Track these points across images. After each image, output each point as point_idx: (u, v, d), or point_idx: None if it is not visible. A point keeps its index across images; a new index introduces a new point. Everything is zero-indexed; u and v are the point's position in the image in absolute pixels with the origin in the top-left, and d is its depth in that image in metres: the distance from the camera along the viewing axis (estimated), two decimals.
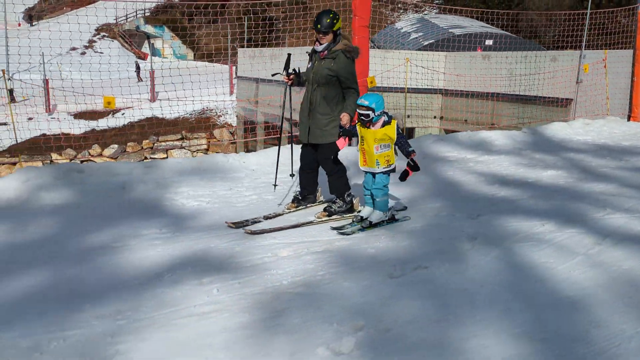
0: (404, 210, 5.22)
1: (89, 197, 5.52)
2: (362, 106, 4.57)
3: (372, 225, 4.74)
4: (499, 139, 8.74)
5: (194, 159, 7.20)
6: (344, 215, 5.07)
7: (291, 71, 5.04)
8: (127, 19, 43.33)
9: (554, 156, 7.91)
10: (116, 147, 24.35)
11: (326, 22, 4.78)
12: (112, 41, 41.14)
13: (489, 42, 22.66)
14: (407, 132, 15.69)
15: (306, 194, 5.34)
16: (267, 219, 5.01)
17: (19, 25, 42.47)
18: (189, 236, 4.56)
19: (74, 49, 37.89)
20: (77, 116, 24.93)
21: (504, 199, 5.63)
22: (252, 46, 23.50)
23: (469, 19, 26.56)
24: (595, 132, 9.85)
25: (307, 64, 5.10)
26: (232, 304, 3.32)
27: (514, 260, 3.99)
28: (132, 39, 43.14)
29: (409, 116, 16.27)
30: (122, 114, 24.97)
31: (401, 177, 4.71)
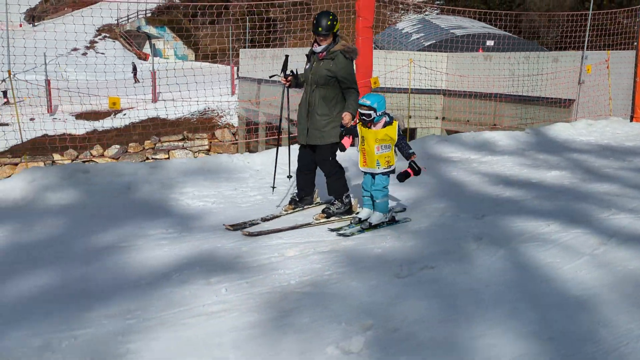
0: (403, 211, 5.20)
1: (95, 198, 5.53)
2: (364, 106, 4.56)
3: (372, 226, 4.73)
4: (503, 139, 8.76)
5: (199, 159, 7.21)
6: (343, 216, 5.05)
7: (289, 73, 5.03)
8: (128, 19, 43.40)
9: (558, 157, 7.93)
10: (118, 147, 24.39)
11: (326, 25, 4.76)
12: (114, 42, 41.21)
13: (490, 42, 22.70)
14: (409, 133, 15.69)
15: (303, 195, 5.32)
16: (265, 220, 4.99)
17: (20, 25, 42.50)
18: (195, 236, 4.58)
19: (76, 50, 37.99)
20: (78, 117, 24.97)
21: (509, 200, 5.65)
22: (255, 46, 23.52)
23: (470, 20, 26.60)
24: (598, 132, 9.86)
25: (305, 65, 5.08)
26: (240, 303, 3.33)
27: (520, 260, 4.01)
28: (134, 40, 43.20)
29: (410, 117, 16.29)
30: (124, 115, 25.02)
31: (400, 177, 4.68)
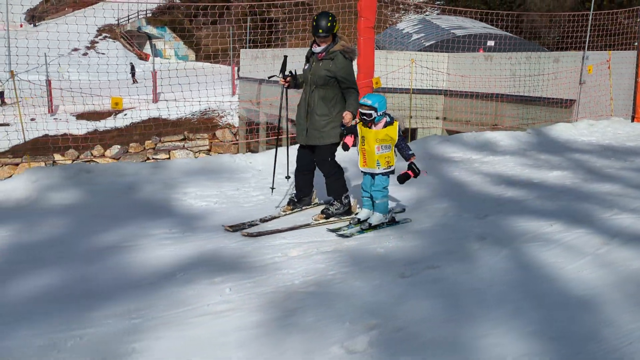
0: (402, 211, 5.18)
1: (98, 198, 5.55)
2: (365, 105, 4.55)
3: (371, 227, 4.72)
4: (504, 139, 8.77)
5: (201, 159, 7.23)
6: (342, 217, 5.04)
7: (287, 73, 5.02)
8: (129, 19, 43.41)
9: (559, 157, 7.94)
10: (118, 147, 24.41)
11: (326, 26, 4.75)
12: (114, 42, 41.24)
13: (491, 43, 22.72)
14: (410, 133, 15.70)
15: (302, 196, 5.30)
16: (264, 221, 4.98)
17: (21, 26, 42.53)
18: (198, 236, 4.59)
19: (76, 50, 38.01)
20: (79, 117, 24.99)
21: (511, 200, 5.66)
22: (257, 47, 23.54)
23: (470, 20, 26.62)
24: (599, 133, 9.87)
25: (304, 66, 5.06)
26: (245, 303, 3.34)
27: (523, 260, 4.02)
28: (134, 40, 43.22)
29: (411, 117, 16.29)
30: (125, 115, 25.04)
31: (401, 179, 4.68)
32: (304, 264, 3.97)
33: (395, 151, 4.70)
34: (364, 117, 4.57)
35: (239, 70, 26.44)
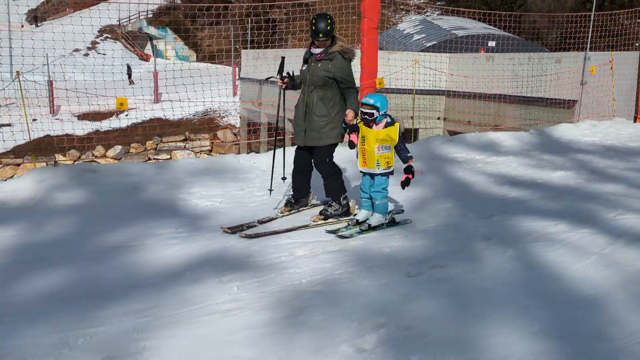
0: (401, 212, 5.17)
1: (103, 198, 5.56)
2: (366, 105, 4.53)
3: (371, 228, 4.71)
4: (507, 140, 8.79)
5: (205, 159, 7.25)
6: (340, 218, 5.03)
7: (285, 74, 5.01)
8: (130, 20, 43.42)
9: (562, 157, 7.96)
10: (120, 148, 24.41)
11: (326, 30, 4.73)
12: (115, 42, 41.24)
13: (492, 43, 22.74)
14: (413, 133, 15.70)
15: (299, 197, 5.29)
16: (262, 223, 4.96)
17: (22, 26, 42.56)
18: (204, 235, 4.61)
19: (77, 51, 38.01)
20: (80, 117, 25.00)
21: (515, 200, 5.67)
22: (255, 48, 23.57)
23: (471, 21, 26.62)
24: (602, 133, 9.90)
25: (302, 67, 5.05)
26: (253, 302, 3.36)
27: (528, 259, 4.03)
28: (135, 41, 43.25)
29: (412, 117, 16.30)
30: (126, 115, 25.04)
31: (404, 185, 4.68)
32: (310, 263, 3.99)
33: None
34: (366, 116, 4.56)
35: (240, 70, 26.46)
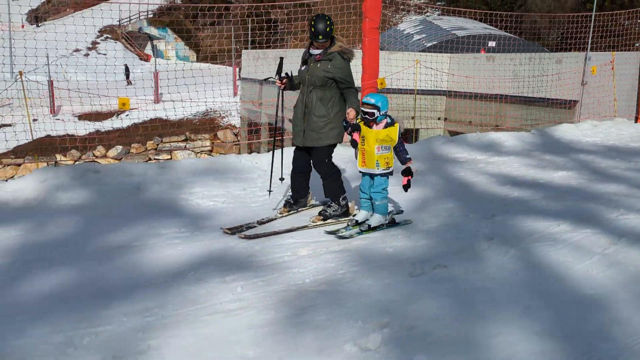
0: (400, 213, 5.15)
1: (106, 197, 5.57)
2: (367, 104, 4.52)
3: (370, 228, 4.70)
4: (508, 140, 8.80)
5: (207, 159, 7.25)
6: (339, 219, 5.02)
7: (283, 75, 5.00)
8: (130, 20, 43.44)
9: (564, 157, 7.97)
10: (120, 148, 24.42)
11: (325, 31, 4.72)
12: (116, 43, 41.26)
13: (492, 43, 22.75)
14: (414, 134, 15.70)
15: (298, 197, 5.28)
16: (261, 223, 4.95)
17: (22, 26, 42.57)
18: (207, 235, 4.61)
19: (78, 51, 38.03)
20: (81, 117, 25.01)
21: (517, 200, 5.68)
22: (256, 48, 23.58)
23: (471, 21, 26.64)
24: (603, 133, 9.90)
25: (301, 67, 5.04)
26: (257, 301, 3.36)
27: (531, 259, 4.04)
28: (135, 41, 43.26)
29: (412, 117, 16.31)
30: (127, 115, 25.04)
31: (406, 188, 4.70)
32: (313, 263, 3.99)
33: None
34: (366, 115, 4.55)
35: (240, 71, 26.47)
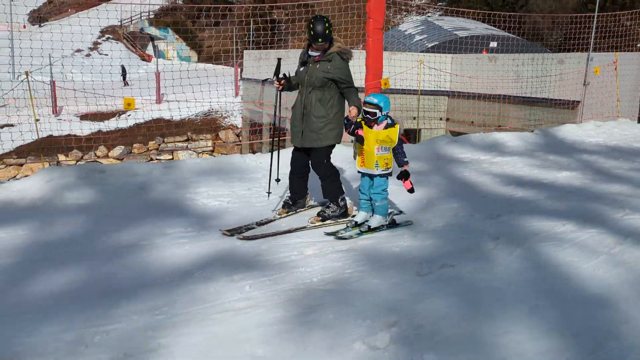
0: (400, 214, 5.14)
1: (111, 197, 5.58)
2: (370, 104, 4.51)
3: (370, 229, 4.69)
4: (512, 140, 8.81)
5: (212, 159, 7.27)
6: (338, 220, 5.01)
7: (282, 76, 5.01)
8: (131, 21, 43.50)
9: (567, 158, 7.98)
10: (122, 148, 24.44)
11: (324, 33, 4.71)
12: (117, 43, 41.31)
13: (494, 44, 22.74)
14: (417, 134, 15.70)
15: (296, 198, 5.27)
16: (260, 225, 4.95)
17: (24, 27, 42.63)
18: (213, 235, 4.63)
19: (79, 51, 38.08)
20: (83, 117, 25.04)
21: (522, 200, 5.69)
22: (260, 48, 23.61)
23: (473, 21, 26.63)
24: (606, 134, 9.91)
25: (299, 68, 5.02)
26: (265, 300, 3.38)
27: (538, 259, 4.05)
28: (137, 41, 43.31)
29: (414, 118, 16.32)
30: (128, 116, 25.08)
31: (412, 191, 4.71)
32: (320, 262, 4.01)
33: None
34: (368, 115, 4.55)
35: (242, 71, 26.50)
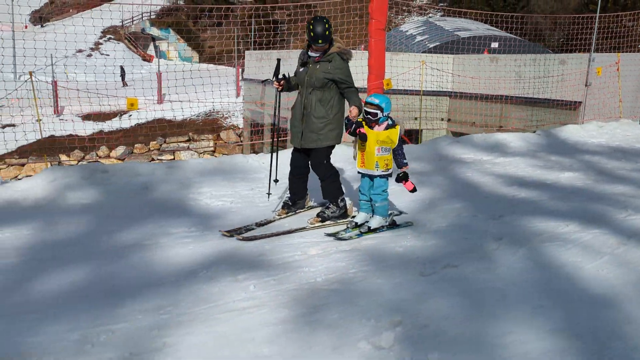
0: (400, 214, 5.14)
1: (115, 197, 5.60)
2: (371, 104, 4.52)
3: (370, 230, 4.69)
4: (514, 141, 8.81)
5: (214, 159, 7.28)
6: (338, 220, 5.01)
7: (281, 77, 5.00)
8: (133, 21, 43.53)
9: (570, 158, 7.98)
10: (124, 148, 24.48)
11: (324, 34, 4.70)
12: (118, 43, 41.35)
13: (495, 44, 22.74)
14: (420, 134, 15.69)
15: (296, 199, 5.27)
16: (260, 225, 4.95)
17: (26, 27, 42.66)
18: (217, 235, 4.63)
19: (80, 51, 38.10)
20: (84, 118, 25.07)
21: (525, 200, 5.69)
22: (262, 48, 23.62)
23: (474, 22, 26.64)
24: (608, 134, 9.91)
25: (299, 69, 5.02)
26: (269, 300, 3.38)
27: (541, 259, 4.05)
28: (138, 42, 43.34)
29: (415, 118, 16.32)
30: (130, 116, 25.11)
31: (414, 190, 4.71)
32: (324, 262, 4.01)
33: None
34: (369, 116, 4.55)
35: (243, 71, 26.52)
